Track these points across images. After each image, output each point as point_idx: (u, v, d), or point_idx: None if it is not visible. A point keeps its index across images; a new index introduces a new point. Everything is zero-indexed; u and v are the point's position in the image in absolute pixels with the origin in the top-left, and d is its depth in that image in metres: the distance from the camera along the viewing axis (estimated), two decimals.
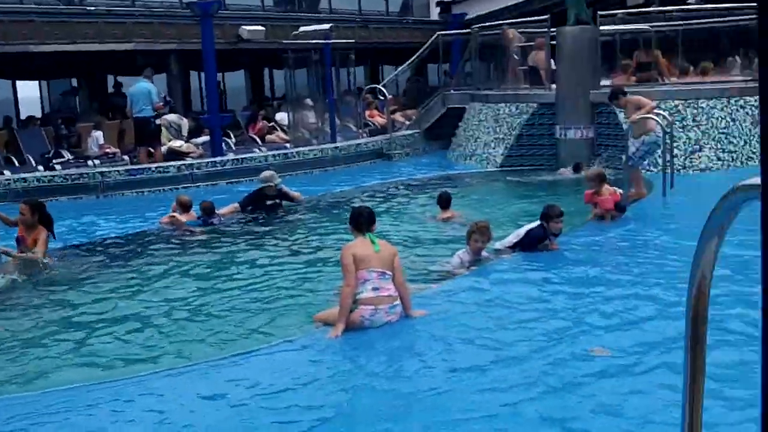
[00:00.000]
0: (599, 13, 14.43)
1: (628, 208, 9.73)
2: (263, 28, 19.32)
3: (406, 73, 21.73)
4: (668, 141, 11.07)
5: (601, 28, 14.21)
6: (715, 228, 2.01)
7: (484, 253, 7.86)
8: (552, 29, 14.84)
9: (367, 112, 19.91)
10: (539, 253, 8.08)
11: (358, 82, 24.32)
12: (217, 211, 10.81)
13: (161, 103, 14.85)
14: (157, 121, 14.95)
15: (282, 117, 19.90)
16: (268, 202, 11.55)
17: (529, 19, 16.19)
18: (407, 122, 19.21)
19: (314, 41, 16.44)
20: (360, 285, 5.95)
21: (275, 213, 11.37)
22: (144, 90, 14.29)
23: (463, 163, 15.96)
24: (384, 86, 18.55)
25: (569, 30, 14.48)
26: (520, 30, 16.21)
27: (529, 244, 8.18)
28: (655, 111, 11.83)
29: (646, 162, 11.46)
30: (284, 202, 11.69)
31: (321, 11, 23.36)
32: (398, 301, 6.07)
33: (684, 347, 1.83)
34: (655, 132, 10.65)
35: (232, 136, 17.69)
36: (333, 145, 16.04)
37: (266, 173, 11.78)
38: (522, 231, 8.31)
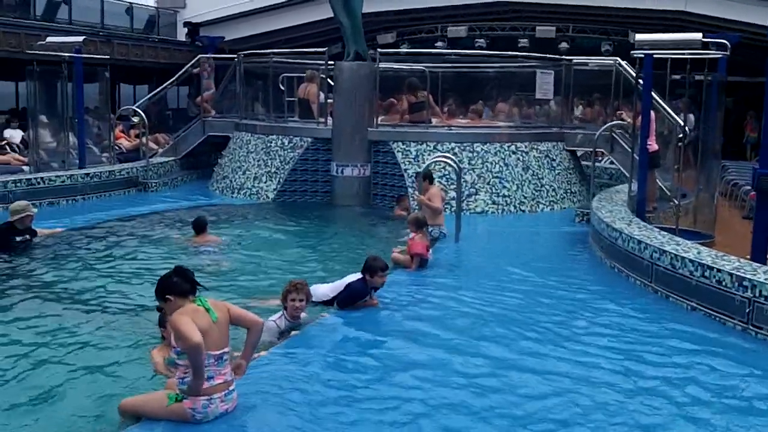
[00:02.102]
0: (379, 50, 14.13)
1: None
2: None
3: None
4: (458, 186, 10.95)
5: (381, 65, 13.86)
6: None
7: (302, 314, 6.98)
8: (330, 63, 14.28)
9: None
10: (359, 311, 7.38)
11: (93, 101, 22.41)
12: None
13: None
14: None
15: (12, 134, 17.62)
16: (18, 239, 9.80)
17: (306, 50, 15.57)
18: (159, 148, 17.71)
19: (64, 54, 14.55)
20: (191, 372, 4.81)
21: (26, 252, 9.63)
22: None
23: (229, 197, 14.84)
24: (138, 107, 16.91)
25: (347, 65, 14.02)
26: (293, 60, 15.55)
27: (349, 299, 7.46)
28: (444, 156, 11.75)
29: None
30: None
31: (59, 21, 21.17)
32: (233, 386, 5.02)
33: None
34: (441, 229, 10.66)
35: None
36: (83, 172, 14.20)
37: (19, 203, 10.03)
38: (341, 284, 7.58)
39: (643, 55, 10.50)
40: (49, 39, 14.96)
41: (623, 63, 14.24)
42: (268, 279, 8.69)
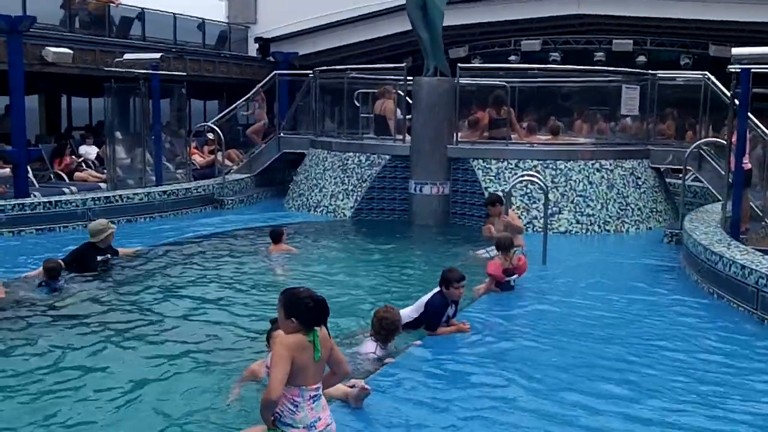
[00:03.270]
0: (459, 65, 13.84)
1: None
2: (71, 51, 17.20)
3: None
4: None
5: (462, 80, 13.57)
6: None
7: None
8: (409, 78, 14.03)
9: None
10: (450, 337, 7.08)
11: (165, 117, 22.59)
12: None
13: None
14: None
15: (87, 151, 17.82)
16: (99, 258, 9.71)
17: (383, 66, 15.36)
18: (233, 165, 17.69)
19: (139, 70, 14.61)
20: (290, 405, 4.52)
21: (108, 272, 9.55)
22: None
23: (306, 214, 14.65)
24: (214, 124, 16.94)
25: (426, 81, 13.74)
26: (370, 76, 15.33)
27: (433, 316, 7.20)
28: (530, 174, 11.42)
29: None
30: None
31: (132, 37, 21.40)
32: (331, 419, 4.75)
33: None
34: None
35: (30, 170, 15.39)
36: (161, 189, 14.21)
37: (99, 222, 9.96)
38: (422, 302, 7.32)
39: (740, 70, 10.01)
40: (127, 56, 15.06)
41: (712, 78, 13.70)
42: (344, 299, 8.48)
